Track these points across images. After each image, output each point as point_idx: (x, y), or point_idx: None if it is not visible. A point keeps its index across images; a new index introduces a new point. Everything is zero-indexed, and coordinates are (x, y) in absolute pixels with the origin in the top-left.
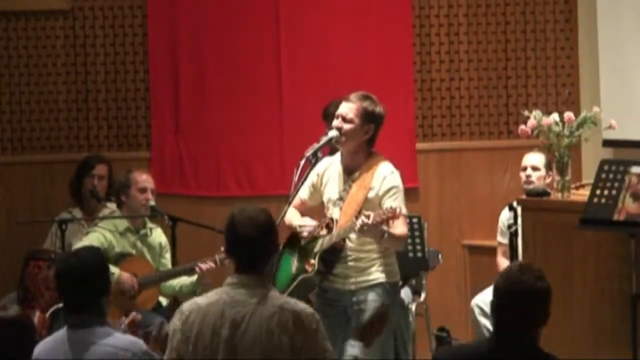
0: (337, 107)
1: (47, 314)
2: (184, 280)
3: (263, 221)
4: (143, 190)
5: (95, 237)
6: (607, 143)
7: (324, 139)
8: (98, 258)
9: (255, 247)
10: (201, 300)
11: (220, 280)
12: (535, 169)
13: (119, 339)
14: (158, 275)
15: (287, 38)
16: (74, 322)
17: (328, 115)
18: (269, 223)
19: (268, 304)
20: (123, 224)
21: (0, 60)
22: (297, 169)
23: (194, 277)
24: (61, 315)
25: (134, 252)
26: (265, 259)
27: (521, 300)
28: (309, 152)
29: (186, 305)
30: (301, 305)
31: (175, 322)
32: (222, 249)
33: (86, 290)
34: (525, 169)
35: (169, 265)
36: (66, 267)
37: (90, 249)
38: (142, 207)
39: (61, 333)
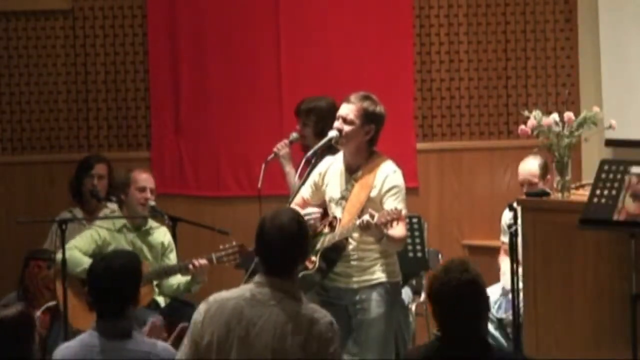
0: (305, 105)
1: (40, 311)
2: (181, 279)
3: (293, 232)
4: (142, 189)
5: (90, 234)
6: (608, 143)
7: (322, 141)
8: (134, 263)
9: (282, 256)
10: (225, 293)
11: (217, 279)
12: (531, 184)
13: (153, 345)
14: (150, 274)
15: (287, 38)
16: (107, 330)
17: (301, 112)
18: (299, 233)
19: (286, 309)
20: (120, 221)
21: (0, 60)
22: (265, 164)
23: (189, 276)
24: (62, 314)
25: (130, 249)
26: (291, 267)
27: (453, 298)
28: (277, 148)
29: (211, 297)
30: (319, 313)
31: (200, 311)
32: (221, 247)
33: (121, 295)
34: (522, 184)
35: None
36: (103, 271)
37: (126, 254)
38: (141, 206)
39: (88, 339)
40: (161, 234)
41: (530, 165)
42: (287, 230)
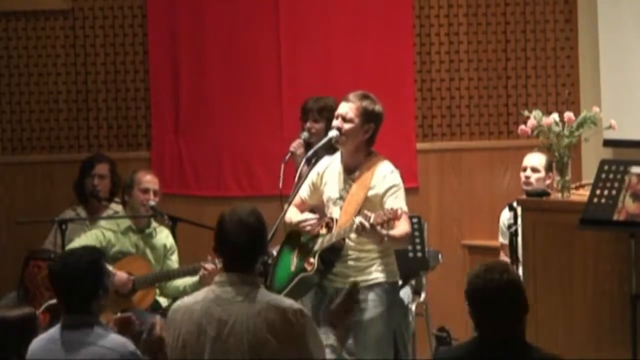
0: (314, 103)
1: (40, 310)
2: (188, 281)
3: (251, 226)
4: (145, 190)
5: (94, 234)
6: (607, 143)
7: (322, 140)
8: (93, 258)
9: (243, 250)
10: (188, 299)
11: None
12: (534, 170)
13: (108, 339)
14: (154, 276)
15: (287, 38)
16: (68, 323)
17: (311, 110)
18: (258, 227)
19: (254, 302)
20: (125, 222)
21: (0, 60)
22: (283, 163)
23: (197, 277)
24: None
25: (134, 251)
26: (252, 260)
27: (493, 299)
28: (293, 147)
29: (174, 305)
30: (288, 302)
31: (167, 322)
32: None
33: (80, 290)
34: (525, 169)
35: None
36: (61, 267)
37: (87, 249)
38: (142, 207)
39: (54, 332)
40: (163, 237)
41: (538, 155)
42: (246, 224)
